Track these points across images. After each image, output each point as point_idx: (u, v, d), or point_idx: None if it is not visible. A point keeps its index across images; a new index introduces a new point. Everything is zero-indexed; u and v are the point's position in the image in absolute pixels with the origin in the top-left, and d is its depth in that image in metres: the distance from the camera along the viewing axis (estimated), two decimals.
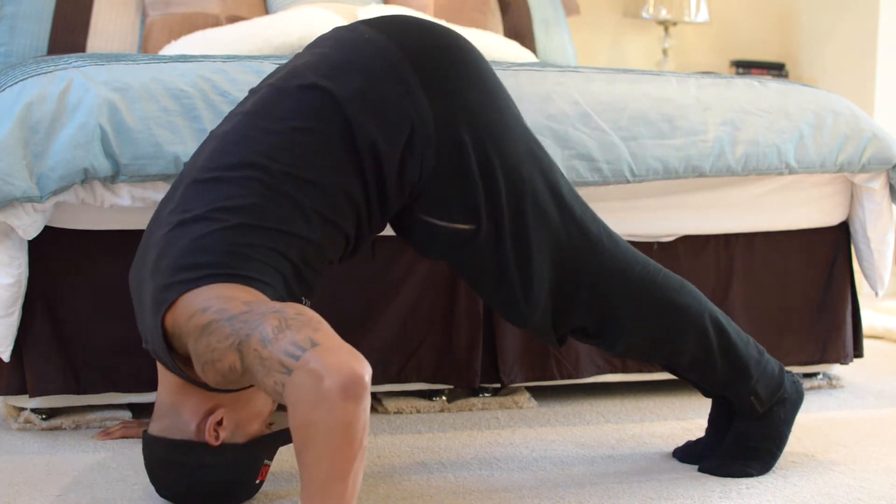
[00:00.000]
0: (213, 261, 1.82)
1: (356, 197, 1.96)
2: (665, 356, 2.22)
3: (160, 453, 1.93)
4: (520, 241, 2.06)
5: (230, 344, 1.71)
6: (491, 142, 2.02)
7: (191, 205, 1.89)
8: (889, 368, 3.24)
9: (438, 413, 2.64)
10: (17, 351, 2.38)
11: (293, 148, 1.92)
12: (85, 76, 2.37)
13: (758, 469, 2.24)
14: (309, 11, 3.54)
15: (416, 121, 1.97)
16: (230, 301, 1.75)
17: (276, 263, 1.86)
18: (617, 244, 2.15)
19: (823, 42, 4.97)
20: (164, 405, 1.94)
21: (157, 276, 1.84)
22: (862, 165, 2.79)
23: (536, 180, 2.07)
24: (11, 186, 2.22)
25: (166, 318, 1.81)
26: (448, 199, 2.02)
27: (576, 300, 2.13)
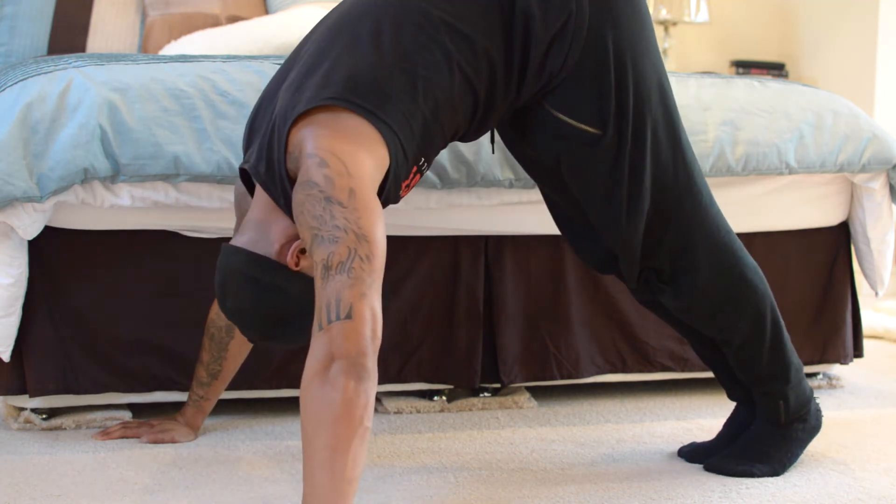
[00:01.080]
0: (358, 90, 1.86)
1: (497, 64, 1.99)
2: (720, 327, 2.22)
3: (238, 264, 1.94)
4: (636, 160, 2.08)
5: (311, 227, 1.77)
6: (631, 60, 2.06)
7: (343, 32, 1.94)
8: (889, 368, 3.24)
9: (438, 413, 2.64)
10: (17, 351, 2.39)
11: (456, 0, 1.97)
12: (85, 76, 2.37)
13: (762, 472, 2.23)
14: (309, 11, 3.54)
15: (575, 12, 2.00)
16: (340, 177, 1.78)
17: (410, 112, 1.90)
18: (713, 203, 2.19)
19: (823, 42, 4.97)
20: (254, 220, 1.96)
21: (297, 90, 1.89)
22: (862, 165, 2.79)
23: (659, 112, 2.10)
24: (11, 186, 2.22)
25: (293, 129, 1.85)
26: (582, 98, 2.04)
27: (662, 239, 2.15)
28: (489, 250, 2.66)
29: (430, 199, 2.54)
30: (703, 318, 2.23)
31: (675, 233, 2.15)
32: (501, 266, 2.66)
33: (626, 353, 2.77)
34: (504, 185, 2.53)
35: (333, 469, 1.64)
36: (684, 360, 2.80)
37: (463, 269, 2.63)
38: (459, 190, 2.55)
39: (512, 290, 2.67)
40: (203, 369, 2.35)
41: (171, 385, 2.48)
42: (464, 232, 2.61)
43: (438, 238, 2.62)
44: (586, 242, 2.22)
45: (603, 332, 2.75)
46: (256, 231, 1.95)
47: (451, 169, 2.48)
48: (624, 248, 2.14)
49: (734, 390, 2.33)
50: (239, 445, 2.35)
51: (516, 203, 2.60)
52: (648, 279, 2.21)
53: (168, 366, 2.47)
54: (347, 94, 1.86)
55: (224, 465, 2.23)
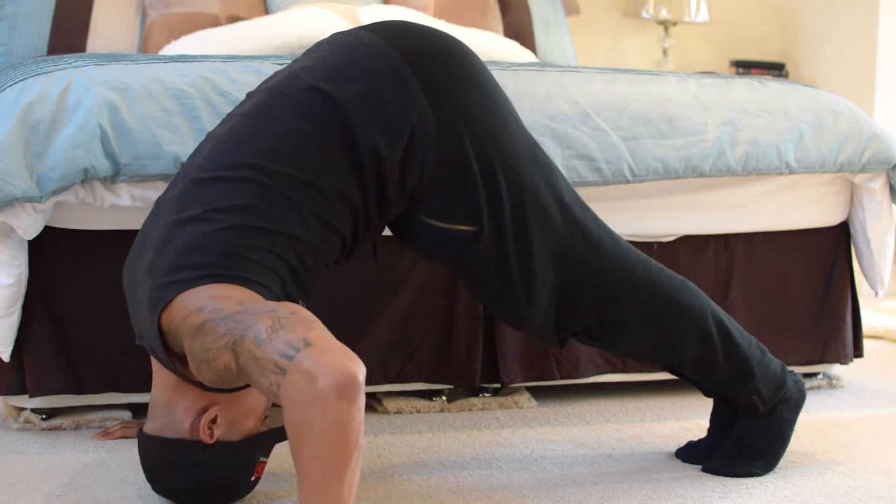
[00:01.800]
0: (211, 261, 1.81)
1: (354, 200, 1.96)
2: (668, 356, 2.22)
3: (155, 452, 1.93)
4: (522, 242, 2.05)
5: (224, 344, 1.71)
6: (491, 144, 2.02)
7: (188, 204, 1.89)
8: (889, 368, 3.24)
9: (438, 413, 2.64)
10: (17, 351, 2.38)
11: (292, 150, 1.92)
12: (85, 76, 2.37)
13: (762, 468, 2.23)
14: (309, 11, 3.54)
15: (417, 123, 1.97)
16: (225, 300, 1.75)
17: (273, 265, 1.86)
18: (618, 245, 2.15)
19: (823, 42, 4.97)
20: (159, 404, 1.94)
21: (154, 275, 1.84)
22: (862, 165, 2.79)
23: (538, 182, 2.06)
24: (11, 186, 2.22)
25: (162, 317, 1.81)
26: (449, 200, 2.02)
27: (577, 302, 2.13)
28: None
29: None
30: (647, 356, 2.23)
31: (589, 292, 2.12)
32: None
33: None
34: None
35: (331, 497, 1.63)
36: None
37: None
38: None
39: None
40: None
41: None
42: None
43: None
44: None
45: None
46: (164, 415, 1.93)
47: None
48: (532, 327, 2.13)
49: (704, 388, 2.33)
50: None
51: None
52: (578, 338, 2.20)
53: None
54: (204, 271, 1.80)
55: None
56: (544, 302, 2.10)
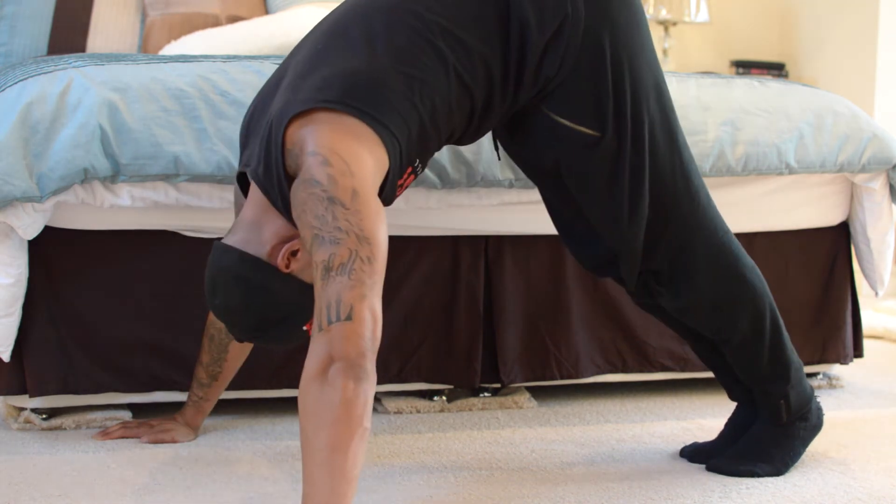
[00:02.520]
0: (355, 93, 1.86)
1: (494, 69, 1.99)
2: (719, 327, 2.22)
3: (228, 262, 1.94)
4: (637, 161, 2.08)
5: (312, 227, 1.76)
6: (628, 63, 2.05)
7: (344, 29, 1.95)
8: (889, 368, 3.24)
9: (438, 413, 2.64)
10: (17, 351, 2.38)
11: (449, 4, 1.97)
12: (85, 76, 2.37)
13: (765, 471, 2.23)
14: (309, 11, 3.54)
15: (570, 16, 2.00)
16: (343, 177, 1.78)
17: (407, 115, 1.90)
18: (710, 203, 2.19)
19: (823, 42, 4.97)
20: (246, 219, 1.96)
21: (293, 91, 1.89)
22: (862, 165, 2.79)
23: (656, 113, 2.10)
24: (11, 186, 2.22)
25: (289, 129, 1.85)
26: (580, 101, 2.04)
27: (661, 240, 2.15)
28: (489, 250, 2.66)
29: (431, 199, 2.54)
30: (701, 319, 2.23)
31: (674, 234, 2.15)
32: (501, 266, 2.66)
33: (626, 353, 2.77)
34: (504, 185, 2.53)
35: (333, 469, 1.64)
36: (684, 360, 2.80)
37: (463, 269, 2.63)
38: (459, 190, 2.55)
39: (512, 290, 2.67)
40: (203, 370, 2.35)
41: (171, 385, 2.48)
42: (464, 232, 2.61)
43: (438, 238, 2.62)
44: (585, 246, 2.21)
45: (603, 332, 2.75)
46: (249, 231, 1.95)
47: (451, 169, 2.48)
48: (626, 249, 2.14)
49: (734, 390, 2.33)
50: (239, 445, 2.35)
51: (516, 203, 2.60)
52: (647, 281, 2.20)
53: (168, 366, 2.47)
54: (344, 98, 1.86)
55: (224, 464, 2.23)
56: (643, 227, 2.12)
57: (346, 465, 1.65)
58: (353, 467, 1.66)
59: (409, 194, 2.50)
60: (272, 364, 2.52)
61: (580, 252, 2.23)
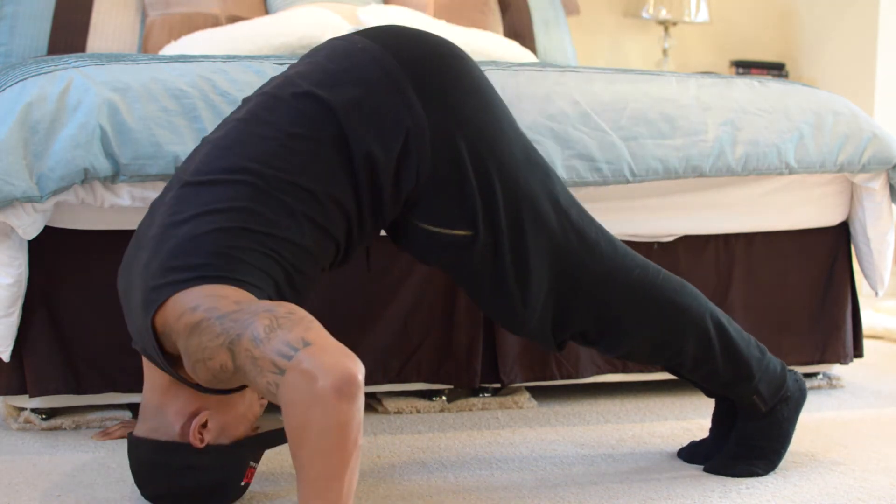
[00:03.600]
0: (204, 262, 1.81)
1: (348, 205, 1.96)
2: (667, 358, 2.22)
3: (145, 454, 1.93)
4: (517, 246, 2.05)
5: (221, 343, 1.71)
6: (486, 149, 2.02)
7: (182, 207, 1.89)
8: (889, 368, 3.24)
9: (438, 413, 2.64)
10: (17, 351, 2.38)
11: (287, 154, 1.92)
12: (85, 76, 2.37)
13: (763, 468, 2.23)
14: (309, 11, 3.54)
15: (412, 129, 1.97)
16: (220, 300, 1.75)
17: (266, 268, 1.86)
18: (615, 247, 2.15)
19: (823, 42, 4.97)
20: (150, 407, 1.94)
21: (147, 277, 1.84)
22: (862, 165, 2.79)
23: (533, 186, 2.06)
24: (11, 186, 2.22)
25: (156, 318, 1.81)
26: (445, 206, 2.01)
27: (575, 305, 2.12)
28: None
29: None
30: (646, 357, 2.23)
31: (587, 295, 2.12)
32: None
33: None
34: None
35: (329, 497, 1.63)
36: None
37: None
38: None
39: None
40: None
41: None
42: None
43: None
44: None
45: None
46: (154, 418, 1.93)
47: None
48: (528, 331, 2.13)
49: (705, 389, 2.32)
50: None
51: None
52: (577, 341, 2.20)
53: None
54: (198, 272, 1.80)
55: None
56: (540, 306, 2.10)
57: (342, 491, 1.64)
58: (349, 491, 1.66)
59: None
60: None
61: None
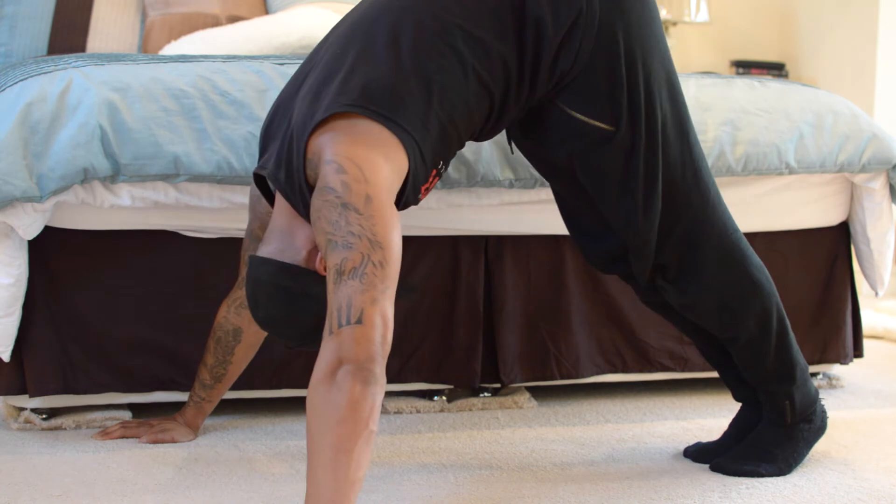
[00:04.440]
0: (375, 97, 1.87)
1: (511, 66, 2.00)
2: (726, 324, 2.22)
3: (267, 274, 1.94)
4: (651, 155, 2.08)
5: (326, 232, 1.78)
6: (641, 56, 2.06)
7: (361, 35, 1.95)
8: (889, 368, 3.24)
9: (438, 413, 2.64)
10: (17, 351, 2.39)
11: (466, 2, 1.98)
12: (85, 76, 2.37)
13: (768, 472, 2.23)
14: (309, 11, 3.54)
15: (584, 10, 2.01)
16: (357, 183, 1.79)
17: (426, 117, 1.91)
18: (720, 200, 2.19)
19: (823, 42, 4.97)
20: (279, 228, 1.97)
21: (315, 98, 1.90)
22: (862, 165, 2.79)
23: (668, 108, 2.10)
24: (11, 186, 2.22)
25: (313, 135, 1.86)
26: (594, 95, 2.05)
27: (670, 235, 2.15)
28: (489, 250, 2.66)
29: (430, 199, 2.54)
30: (708, 316, 2.23)
31: (683, 229, 2.15)
32: (501, 266, 2.66)
33: (626, 353, 2.77)
34: (504, 185, 2.53)
35: (337, 470, 1.65)
36: (684, 360, 2.80)
37: (463, 269, 2.63)
38: (459, 190, 2.55)
39: (512, 290, 2.67)
40: (207, 372, 2.35)
41: (171, 385, 2.48)
42: (464, 232, 2.61)
43: (438, 238, 2.62)
44: (595, 241, 2.21)
45: (603, 332, 2.75)
46: (282, 240, 1.95)
47: (451, 169, 2.48)
48: (640, 243, 2.14)
49: (740, 390, 2.33)
50: (239, 445, 2.35)
51: (516, 203, 2.60)
52: (654, 277, 2.20)
53: (168, 366, 2.47)
54: (365, 102, 1.87)
55: (224, 464, 2.23)
56: (657, 222, 2.12)
57: (349, 466, 1.65)
58: (357, 469, 1.66)
59: None
60: (272, 364, 2.53)
61: (590, 247, 2.23)
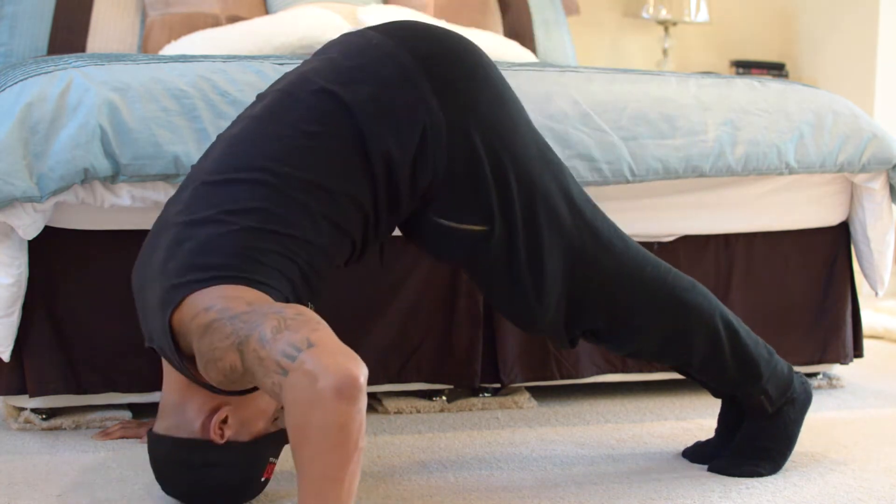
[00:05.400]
0: (222, 263, 1.82)
1: (364, 203, 1.96)
2: (676, 356, 2.22)
3: (165, 452, 1.93)
4: (532, 242, 2.05)
5: (231, 343, 1.72)
6: (502, 145, 2.02)
7: (199, 207, 1.89)
8: (889, 368, 3.24)
9: (438, 413, 2.64)
10: (17, 351, 2.38)
11: (303, 152, 1.92)
12: (85, 76, 2.37)
13: (768, 469, 2.23)
14: (309, 11, 3.54)
15: (429, 125, 1.97)
16: (233, 301, 1.76)
17: (283, 268, 1.86)
18: (627, 245, 2.15)
19: (823, 42, 4.97)
20: (170, 404, 1.94)
21: (165, 276, 1.84)
22: (862, 165, 2.79)
23: (548, 183, 2.06)
24: (11, 186, 2.22)
25: (173, 318, 1.81)
26: (461, 201, 2.02)
27: (587, 302, 2.13)
28: None
29: None
30: (656, 355, 2.23)
31: (599, 292, 2.12)
32: None
33: None
34: None
35: (328, 499, 1.63)
36: None
37: None
38: None
39: None
40: None
41: None
42: None
43: None
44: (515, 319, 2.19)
45: None
46: (174, 415, 1.93)
47: None
48: (542, 327, 2.13)
49: (713, 390, 2.33)
50: None
51: None
52: (587, 338, 2.20)
53: None
54: (215, 273, 1.81)
55: None
56: (554, 302, 2.10)
57: (341, 494, 1.64)
58: (348, 495, 1.65)
59: None
60: None
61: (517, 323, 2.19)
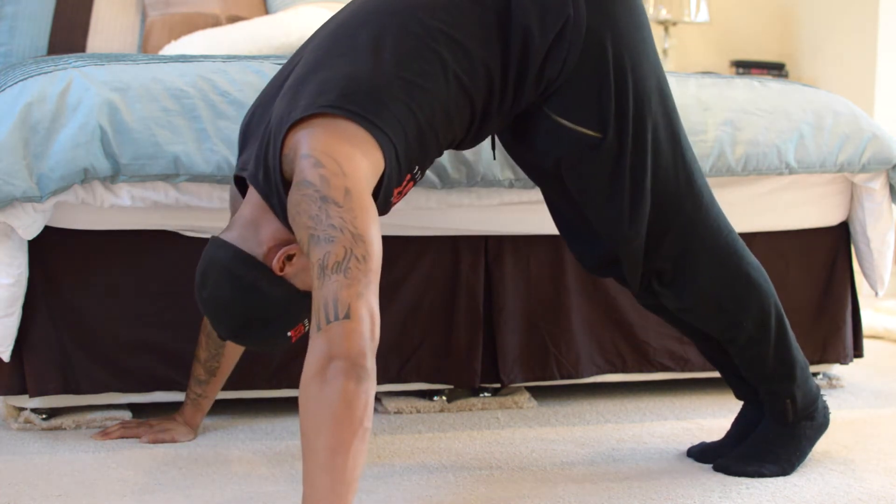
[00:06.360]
0: (353, 98, 1.87)
1: (494, 74, 2.00)
2: (724, 326, 2.22)
3: (223, 258, 1.93)
4: (638, 161, 2.08)
5: (307, 227, 1.77)
6: (630, 62, 2.06)
7: (343, 39, 1.95)
8: (889, 368, 3.24)
9: (438, 413, 2.64)
10: (17, 351, 2.38)
11: (451, 9, 1.98)
12: (85, 76, 2.37)
13: (772, 472, 2.23)
14: (309, 11, 3.54)
15: (572, 18, 2.00)
16: (336, 177, 1.79)
17: (404, 119, 1.90)
18: (714, 203, 2.19)
19: (823, 42, 4.97)
20: (245, 218, 1.96)
21: (295, 96, 1.89)
22: (862, 165, 2.79)
23: (658, 114, 2.10)
24: (11, 186, 2.22)
25: (289, 133, 1.86)
26: (582, 101, 2.04)
27: (663, 240, 2.15)
28: (489, 250, 2.66)
29: (430, 199, 2.54)
30: (706, 319, 2.23)
31: (677, 234, 2.15)
32: (501, 266, 2.66)
33: (626, 353, 2.77)
34: (504, 185, 2.53)
35: (333, 471, 1.64)
36: (684, 360, 2.80)
37: (463, 269, 2.63)
38: (459, 190, 2.55)
39: (512, 290, 2.67)
40: (200, 367, 2.35)
41: (171, 385, 2.48)
42: (464, 232, 2.61)
43: (438, 238, 2.62)
44: (586, 246, 2.21)
45: (603, 332, 2.75)
46: (246, 229, 1.95)
47: (451, 169, 2.48)
48: (628, 250, 2.14)
49: (740, 389, 2.33)
50: (238, 445, 2.35)
51: (516, 203, 2.60)
52: (649, 282, 2.20)
53: (168, 366, 2.47)
54: (343, 102, 1.86)
55: (223, 464, 2.23)
56: (644, 226, 2.12)
57: (346, 466, 1.65)
58: (353, 469, 1.66)
59: (409, 195, 2.50)
60: (271, 364, 2.53)
61: (582, 252, 2.23)
